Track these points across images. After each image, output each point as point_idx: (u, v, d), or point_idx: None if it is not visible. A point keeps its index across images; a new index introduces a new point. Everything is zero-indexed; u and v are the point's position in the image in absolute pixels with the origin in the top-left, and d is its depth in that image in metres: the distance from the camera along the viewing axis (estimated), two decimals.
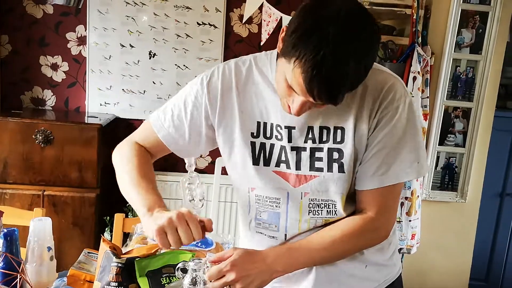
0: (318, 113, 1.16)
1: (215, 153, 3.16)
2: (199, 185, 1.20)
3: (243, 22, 3.06)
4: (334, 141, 1.16)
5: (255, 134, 1.22)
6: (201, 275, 1.10)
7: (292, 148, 1.19)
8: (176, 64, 3.09)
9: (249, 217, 1.32)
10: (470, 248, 2.27)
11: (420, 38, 2.60)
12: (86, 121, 2.87)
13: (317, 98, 1.00)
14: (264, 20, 2.82)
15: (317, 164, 1.18)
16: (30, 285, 1.44)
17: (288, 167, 1.20)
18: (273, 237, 1.27)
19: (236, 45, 3.11)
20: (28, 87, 3.08)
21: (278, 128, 1.20)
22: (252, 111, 1.22)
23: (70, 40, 3.05)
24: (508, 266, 3.36)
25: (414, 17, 2.54)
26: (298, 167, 1.19)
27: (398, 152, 1.15)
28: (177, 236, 1.07)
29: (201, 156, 3.24)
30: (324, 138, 1.17)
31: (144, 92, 3.11)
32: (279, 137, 1.20)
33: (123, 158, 1.44)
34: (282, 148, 1.20)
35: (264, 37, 2.84)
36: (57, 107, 3.11)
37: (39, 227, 1.51)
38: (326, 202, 1.20)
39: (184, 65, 3.09)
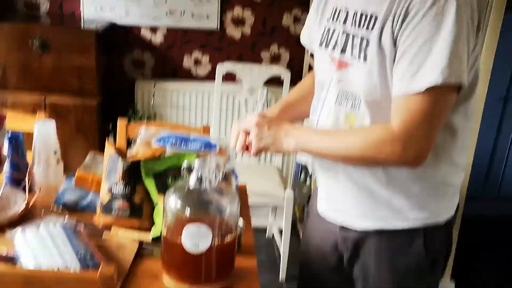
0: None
1: (215, 60, 3.13)
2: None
3: None
4: (367, 28, 1.12)
5: (328, 19, 1.26)
6: (206, 173, 1.11)
7: (343, 32, 1.19)
8: None
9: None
10: (470, 151, 2.30)
11: None
12: (82, 27, 2.79)
13: None
14: None
15: (354, 51, 1.16)
16: (38, 186, 1.47)
17: (338, 50, 1.21)
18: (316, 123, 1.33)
19: None
20: None
21: (341, 12, 1.22)
22: None
23: None
24: (508, 171, 3.42)
25: None
26: (343, 51, 1.19)
27: (429, 50, 1.02)
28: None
29: (201, 63, 3.19)
30: (362, 24, 1.14)
31: None
32: (340, 21, 1.22)
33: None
34: (337, 30, 1.22)
35: None
36: (52, 12, 3.00)
37: (43, 130, 1.51)
38: (352, 95, 1.19)
39: None
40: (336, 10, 1.24)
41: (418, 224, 1.22)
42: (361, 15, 1.14)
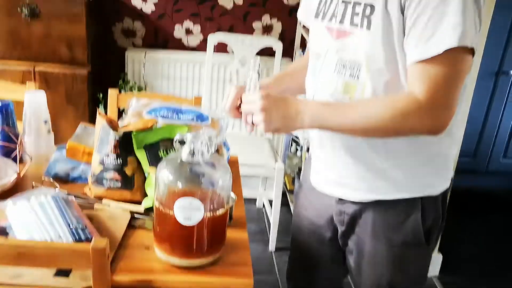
0: None
1: (206, 30, 3.10)
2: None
3: None
4: None
5: None
6: (199, 146, 1.11)
7: (342, 1, 1.17)
8: None
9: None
10: (462, 124, 2.31)
11: None
12: None
13: None
14: None
15: (355, 19, 1.13)
16: (29, 156, 1.46)
17: (335, 21, 1.19)
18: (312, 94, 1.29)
19: None
20: None
21: None
22: None
23: None
24: (497, 145, 3.45)
25: None
26: (342, 21, 1.17)
27: (443, 13, 1.00)
28: None
29: (192, 33, 3.15)
30: None
31: None
32: None
33: None
34: (337, 2, 1.19)
35: None
36: None
37: (34, 100, 1.50)
38: (352, 64, 1.16)
39: None
40: None
41: (415, 195, 1.22)
42: None
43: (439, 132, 1.08)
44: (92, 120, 1.45)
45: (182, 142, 1.14)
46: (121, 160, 1.34)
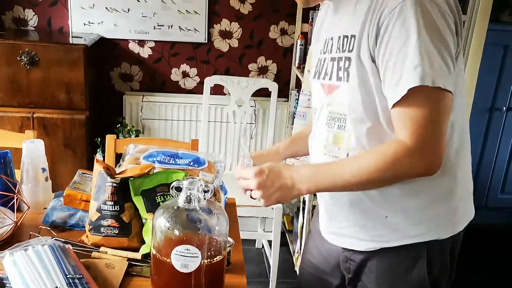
0: (342, 22, 1.19)
1: (203, 73, 3.15)
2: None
3: None
4: (348, 50, 1.15)
5: (321, 51, 1.31)
6: (195, 193, 1.12)
7: (331, 59, 1.23)
8: None
9: None
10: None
11: None
12: (70, 42, 2.80)
13: None
14: None
15: (340, 74, 1.18)
16: (27, 205, 1.47)
17: (327, 78, 1.24)
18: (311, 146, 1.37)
19: None
20: (8, 6, 2.96)
21: (328, 42, 1.26)
22: (323, 30, 1.35)
23: None
24: (494, 181, 3.45)
25: None
26: (330, 77, 1.23)
27: (404, 57, 1.03)
28: None
29: (189, 76, 3.20)
30: (345, 47, 1.17)
31: (128, 10, 3.01)
32: (327, 50, 1.26)
33: None
34: (326, 59, 1.25)
35: None
36: (40, 27, 3.01)
37: (32, 149, 1.51)
38: (339, 116, 1.20)
39: None
40: (326, 41, 1.28)
41: (418, 240, 1.20)
42: (344, 37, 1.18)
43: (434, 171, 1.08)
44: (91, 164, 1.46)
45: (178, 189, 1.15)
46: (118, 207, 1.34)
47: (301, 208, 2.75)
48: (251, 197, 1.21)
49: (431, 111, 1.04)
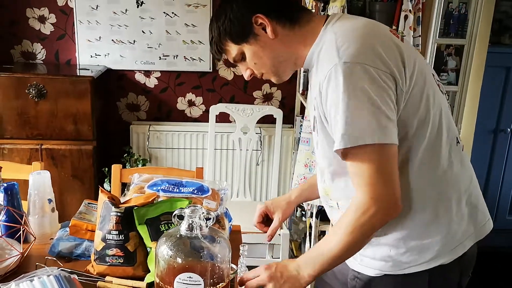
0: (312, 82, 1.26)
1: (209, 102, 3.19)
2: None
3: None
4: (314, 108, 1.21)
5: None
6: (197, 221, 1.13)
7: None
8: (164, 12, 3.04)
9: None
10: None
11: None
12: (78, 74, 2.86)
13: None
14: None
15: (315, 128, 1.26)
16: (33, 236, 1.49)
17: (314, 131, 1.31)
18: None
19: None
20: (17, 40, 3.04)
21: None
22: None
23: None
24: (501, 202, 3.43)
25: None
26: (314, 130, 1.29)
27: (335, 121, 1.10)
28: None
29: (195, 105, 3.25)
30: (314, 106, 1.21)
31: (134, 42, 3.08)
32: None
33: None
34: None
35: None
36: (48, 60, 3.08)
37: (38, 180, 1.54)
38: (322, 170, 1.32)
39: (172, 13, 3.04)
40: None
41: (418, 270, 1.22)
42: (315, 96, 1.22)
43: (393, 216, 1.14)
44: (98, 193, 1.48)
45: (180, 217, 1.16)
46: (123, 236, 1.36)
47: (307, 234, 2.74)
48: None
49: (370, 165, 1.10)
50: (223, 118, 3.19)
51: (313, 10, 2.68)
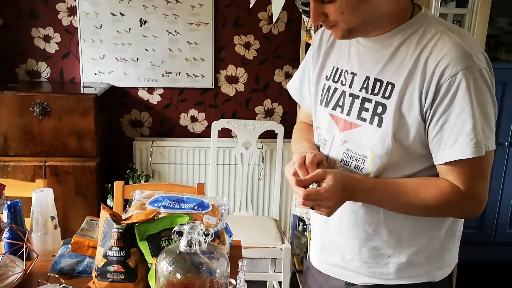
0: (376, 64, 1.19)
1: (211, 117, 3.22)
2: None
3: None
4: (383, 96, 1.17)
5: (328, 77, 1.32)
6: (196, 237, 1.16)
7: (350, 94, 1.24)
8: (167, 30, 3.09)
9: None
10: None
11: None
12: (81, 92, 2.90)
13: None
14: None
15: (363, 114, 1.20)
16: (36, 253, 1.51)
17: (341, 111, 1.26)
18: None
19: (226, 9, 3.10)
20: (22, 59, 3.09)
21: (345, 74, 1.27)
22: (331, 57, 1.33)
23: (60, 11, 3.04)
24: (501, 216, 3.42)
25: None
26: (348, 113, 1.24)
27: (464, 121, 1.09)
28: None
29: (197, 120, 3.28)
30: (376, 91, 1.19)
31: (138, 59, 3.12)
32: (344, 82, 1.27)
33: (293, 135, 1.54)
34: (343, 93, 1.26)
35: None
36: (53, 79, 3.13)
37: (41, 198, 1.57)
38: (357, 156, 1.22)
39: (175, 31, 3.09)
40: (337, 70, 1.29)
41: (416, 281, 1.25)
42: (375, 81, 1.19)
43: (477, 215, 1.20)
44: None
45: (180, 233, 1.18)
46: (124, 252, 1.38)
47: (308, 250, 2.74)
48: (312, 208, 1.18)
49: (480, 167, 1.14)
50: (225, 133, 3.22)
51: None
